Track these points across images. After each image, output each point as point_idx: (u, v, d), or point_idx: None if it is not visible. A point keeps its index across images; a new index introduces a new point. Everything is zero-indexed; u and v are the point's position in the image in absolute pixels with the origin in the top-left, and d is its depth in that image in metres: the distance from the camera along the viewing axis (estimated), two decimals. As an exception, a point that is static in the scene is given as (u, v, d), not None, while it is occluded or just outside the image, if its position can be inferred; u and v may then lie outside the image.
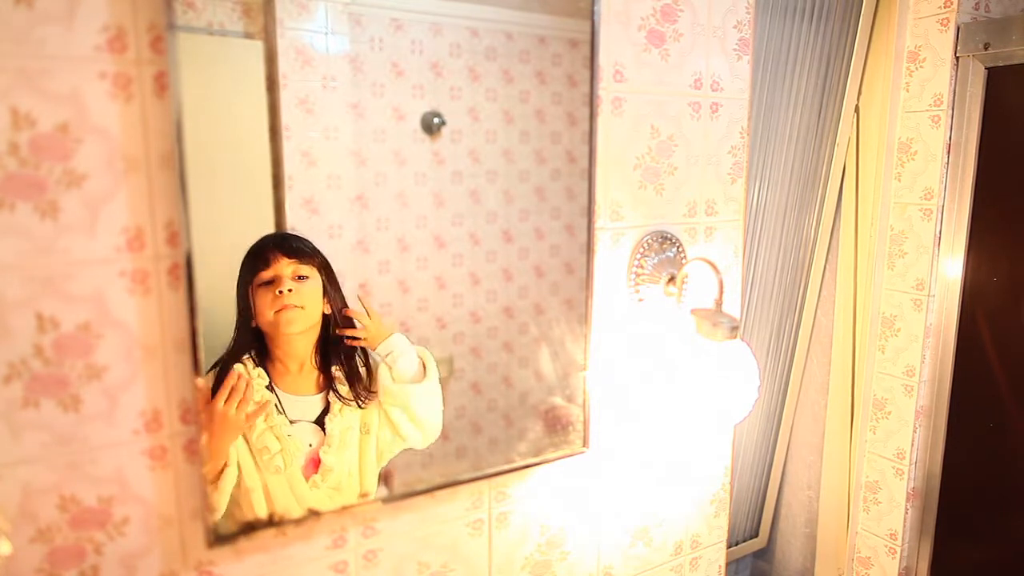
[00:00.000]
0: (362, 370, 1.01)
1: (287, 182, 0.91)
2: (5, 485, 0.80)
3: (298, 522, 0.95)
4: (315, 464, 0.98)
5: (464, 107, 1.04)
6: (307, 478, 0.97)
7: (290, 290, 0.93)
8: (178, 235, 0.83)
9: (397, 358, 1.00)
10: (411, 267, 1.03)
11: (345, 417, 0.99)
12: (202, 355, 0.85)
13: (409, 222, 1.02)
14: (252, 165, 0.89)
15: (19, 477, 0.80)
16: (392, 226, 1.00)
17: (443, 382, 1.07)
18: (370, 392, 1.01)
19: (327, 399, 0.99)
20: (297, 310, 0.94)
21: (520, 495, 1.19)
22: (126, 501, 0.86)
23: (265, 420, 0.94)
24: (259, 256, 0.92)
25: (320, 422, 0.99)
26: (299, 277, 0.94)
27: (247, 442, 0.93)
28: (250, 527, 0.93)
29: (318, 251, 0.95)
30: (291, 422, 0.96)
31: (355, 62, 0.94)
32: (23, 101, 0.75)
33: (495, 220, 1.09)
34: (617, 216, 1.20)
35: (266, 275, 0.92)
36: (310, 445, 0.98)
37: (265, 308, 0.93)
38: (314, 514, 0.96)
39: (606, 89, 1.15)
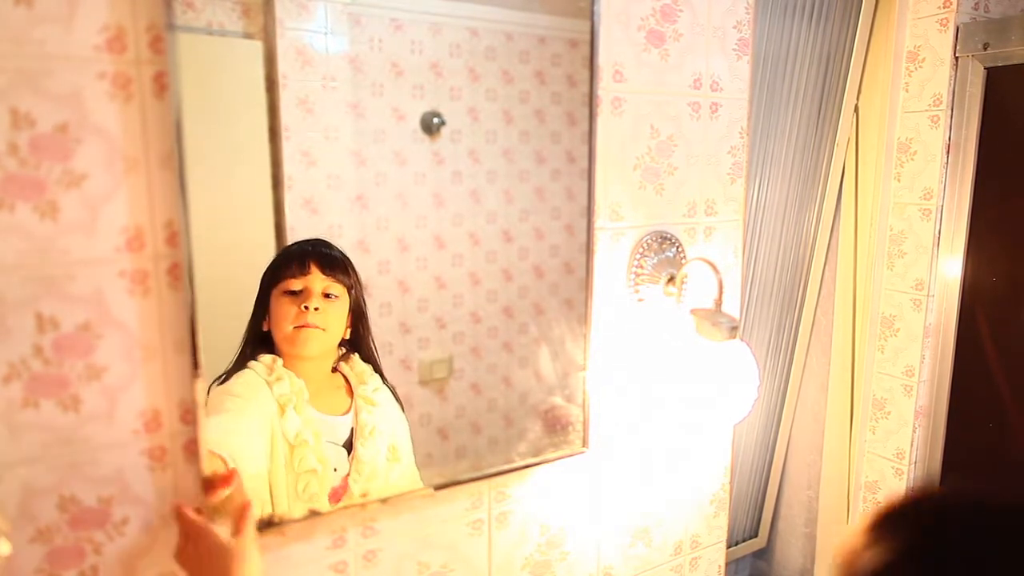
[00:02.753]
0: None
1: (287, 182, 0.90)
2: (5, 485, 0.79)
3: (298, 522, 0.95)
4: (341, 492, 0.92)
5: (464, 107, 1.04)
6: (331, 503, 0.92)
7: (316, 308, 0.87)
8: (177, 235, 0.83)
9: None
10: (411, 267, 1.03)
11: (375, 439, 0.90)
12: (202, 355, 0.85)
13: (409, 222, 1.02)
14: (251, 165, 0.89)
15: (19, 477, 0.80)
16: (392, 226, 1.00)
17: (442, 382, 1.07)
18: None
19: (353, 419, 0.91)
20: (317, 331, 0.88)
21: (520, 495, 1.19)
22: (126, 501, 0.86)
23: (315, 440, 0.86)
24: (291, 262, 0.87)
25: (348, 445, 0.91)
26: (327, 295, 0.89)
27: (289, 460, 0.87)
28: (250, 527, 0.92)
29: (354, 270, 0.91)
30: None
31: (355, 62, 0.94)
32: (23, 101, 0.75)
33: (495, 220, 1.09)
34: (617, 216, 1.20)
35: (295, 284, 0.87)
36: (335, 470, 0.90)
37: (284, 320, 0.87)
38: (314, 514, 0.96)
39: (606, 89, 1.15)
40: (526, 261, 1.13)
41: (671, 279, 1.24)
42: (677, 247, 1.27)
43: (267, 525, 0.93)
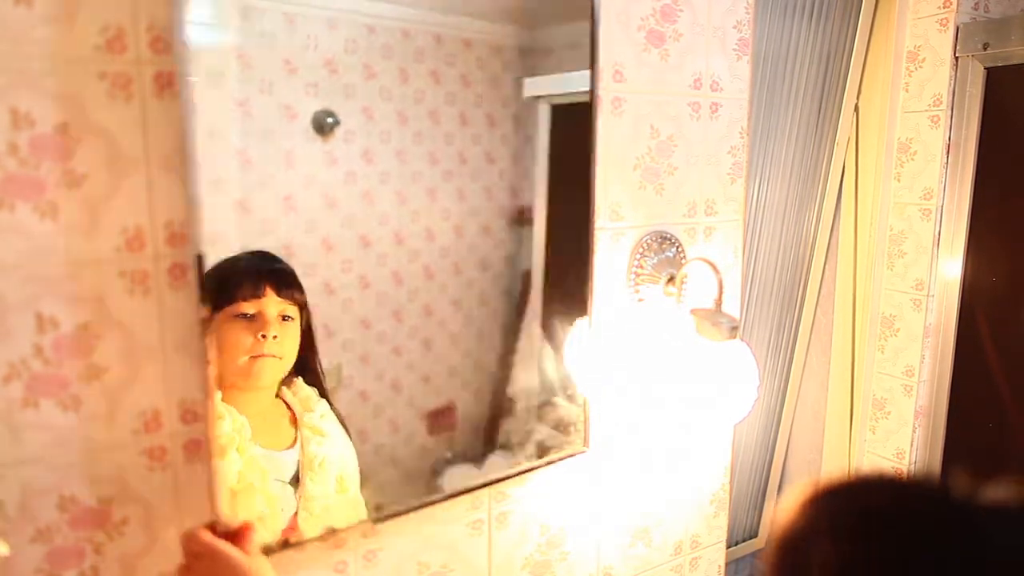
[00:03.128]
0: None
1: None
2: (5, 485, 0.79)
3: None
4: (290, 532, 0.85)
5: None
6: (280, 548, 0.84)
7: (275, 336, 0.78)
8: (177, 235, 0.83)
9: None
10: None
11: (325, 472, 0.81)
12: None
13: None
14: None
15: (19, 477, 0.80)
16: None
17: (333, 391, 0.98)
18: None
19: (300, 452, 0.82)
20: (274, 360, 0.80)
21: (520, 495, 1.19)
22: (126, 501, 0.86)
23: (261, 481, 0.77)
24: (242, 281, 0.78)
25: (295, 480, 0.83)
26: (284, 317, 0.80)
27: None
28: (249, 528, 0.91)
29: (302, 286, 0.82)
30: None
31: (243, 57, 0.85)
32: (23, 101, 0.75)
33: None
34: (617, 216, 1.20)
35: (248, 308, 0.78)
36: (282, 511, 0.82)
37: (236, 349, 0.77)
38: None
39: (605, 89, 1.15)
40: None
41: (671, 279, 1.24)
42: (677, 247, 1.27)
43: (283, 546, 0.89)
